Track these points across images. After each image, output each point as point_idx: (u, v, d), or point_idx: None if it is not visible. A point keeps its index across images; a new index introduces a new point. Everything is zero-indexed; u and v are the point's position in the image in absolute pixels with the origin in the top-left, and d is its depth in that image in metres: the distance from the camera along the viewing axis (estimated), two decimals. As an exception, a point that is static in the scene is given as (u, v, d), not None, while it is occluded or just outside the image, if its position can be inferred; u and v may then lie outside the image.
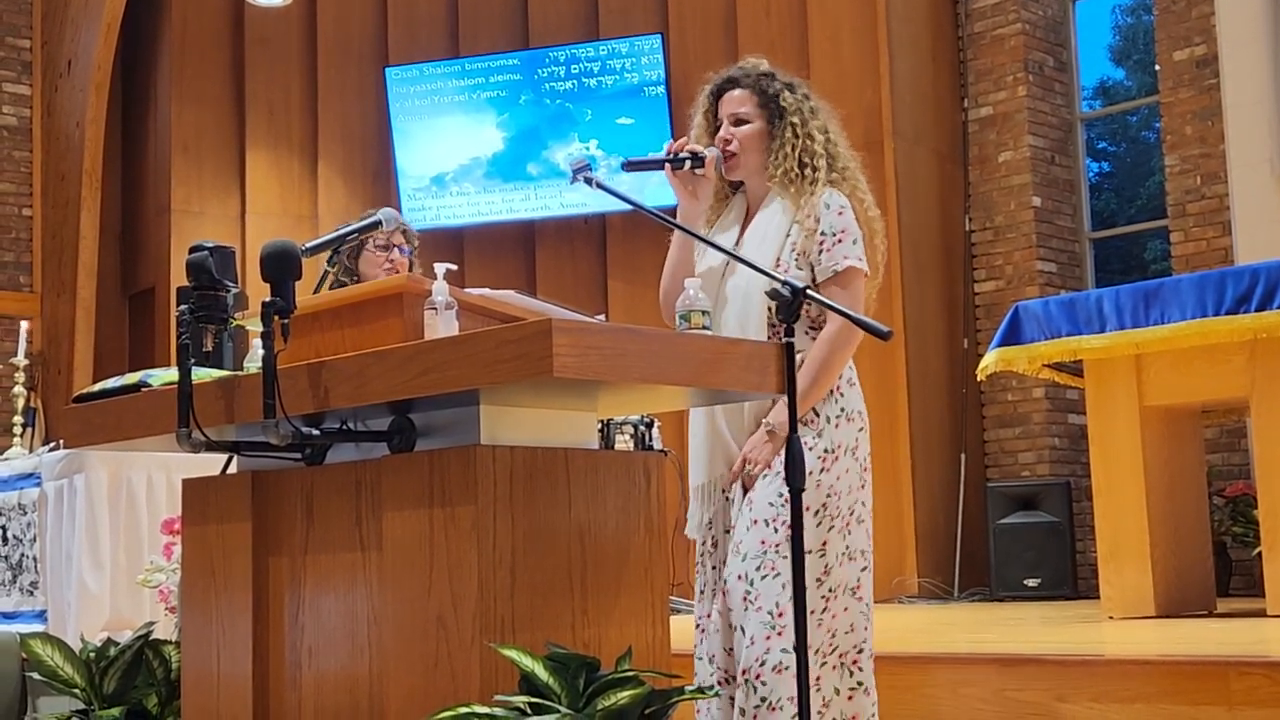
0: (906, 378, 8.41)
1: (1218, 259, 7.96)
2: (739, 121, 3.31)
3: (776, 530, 3.04)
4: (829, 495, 3.13)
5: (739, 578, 3.04)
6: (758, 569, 3.02)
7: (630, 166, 3.31)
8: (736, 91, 3.34)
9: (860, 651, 3.18)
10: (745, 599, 3.02)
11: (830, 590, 3.12)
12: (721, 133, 3.32)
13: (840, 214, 3.21)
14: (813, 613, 3.07)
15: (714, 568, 3.23)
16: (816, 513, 3.10)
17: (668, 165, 3.27)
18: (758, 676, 2.97)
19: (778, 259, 3.19)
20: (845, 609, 3.15)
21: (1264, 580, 5.56)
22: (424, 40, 10.15)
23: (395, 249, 4.18)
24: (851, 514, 3.17)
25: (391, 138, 9.91)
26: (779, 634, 2.97)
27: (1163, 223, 8.75)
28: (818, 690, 3.10)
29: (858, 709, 3.17)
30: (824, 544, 3.11)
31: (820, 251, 3.19)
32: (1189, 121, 8.30)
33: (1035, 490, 8.09)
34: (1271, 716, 3.36)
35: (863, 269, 3.22)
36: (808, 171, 3.25)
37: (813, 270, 3.20)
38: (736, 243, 3.29)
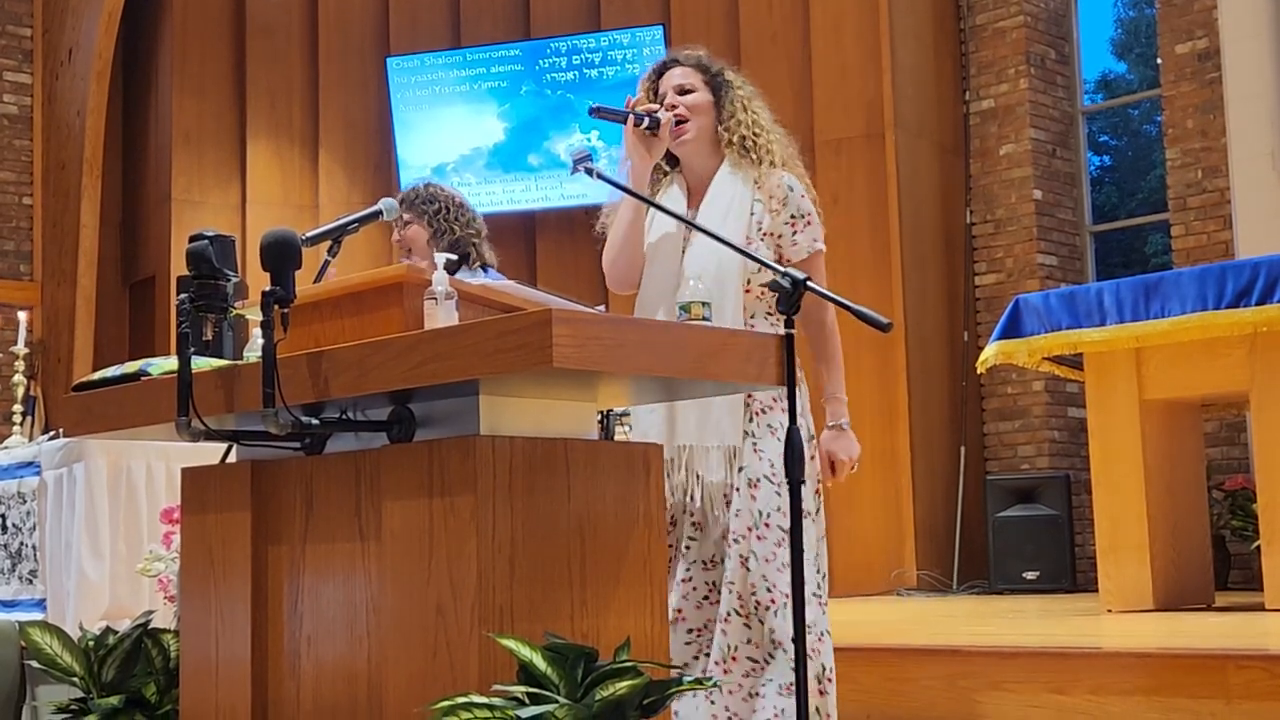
0: (906, 370, 8.41)
1: (1218, 253, 7.96)
2: (684, 91, 3.37)
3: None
4: (819, 481, 3.29)
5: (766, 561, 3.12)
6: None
7: (596, 113, 3.33)
8: (678, 69, 3.42)
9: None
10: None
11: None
12: (669, 99, 3.37)
13: (803, 198, 3.31)
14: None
15: (688, 539, 3.25)
16: (815, 494, 3.23)
17: (632, 119, 3.31)
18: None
19: (747, 238, 3.24)
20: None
21: (1262, 574, 5.56)
22: (425, 30, 10.14)
23: (396, 230, 4.24)
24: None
25: (392, 128, 9.90)
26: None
27: (1163, 216, 8.75)
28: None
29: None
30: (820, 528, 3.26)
31: (794, 233, 3.28)
32: (1190, 115, 8.30)
33: (1035, 483, 8.10)
34: (1270, 709, 3.37)
35: (823, 250, 3.34)
36: (762, 141, 3.33)
37: (777, 249, 3.27)
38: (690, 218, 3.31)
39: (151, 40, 10.11)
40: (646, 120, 3.30)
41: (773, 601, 3.08)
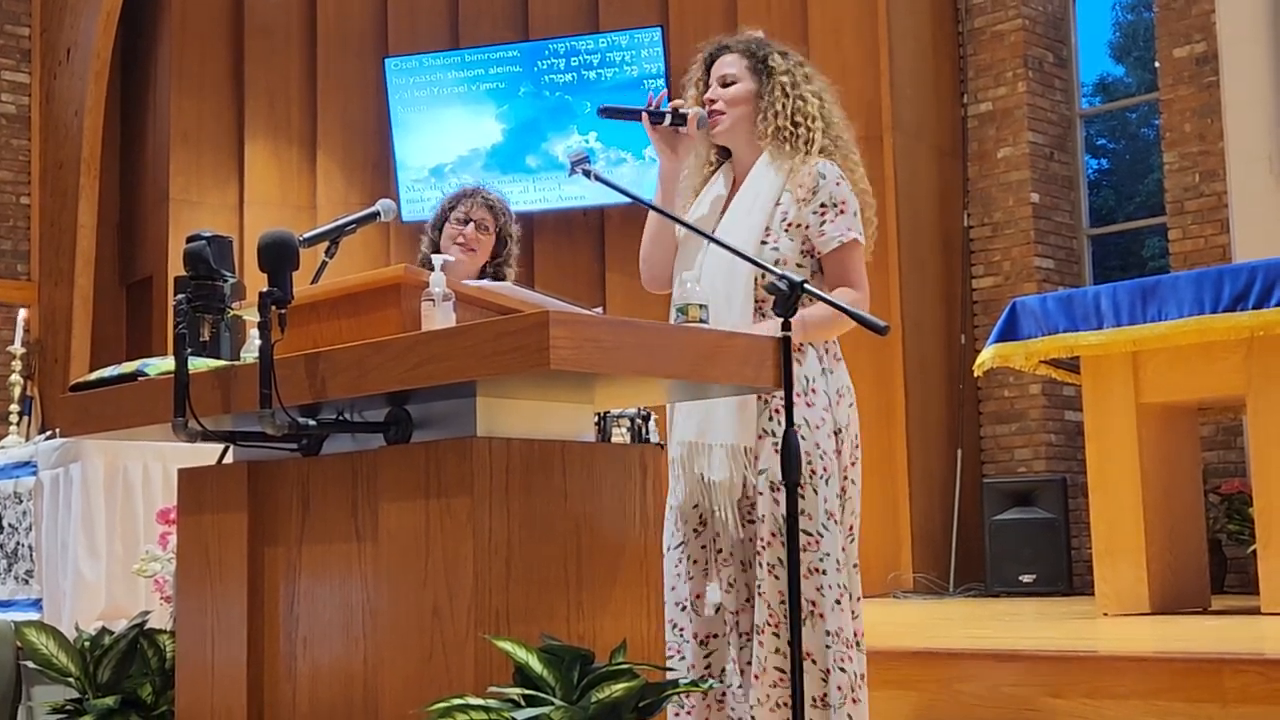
0: (904, 373, 8.41)
1: (1216, 256, 7.96)
2: (727, 83, 3.29)
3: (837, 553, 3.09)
4: (845, 478, 3.15)
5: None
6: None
7: (606, 113, 3.26)
8: (728, 56, 3.33)
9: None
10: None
11: (856, 567, 3.15)
12: (709, 94, 3.29)
13: (838, 184, 3.17)
14: (857, 599, 3.12)
15: (703, 548, 3.21)
16: (840, 495, 3.12)
17: (646, 117, 3.23)
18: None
19: (766, 228, 3.16)
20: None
21: (1258, 578, 5.56)
22: (424, 31, 10.14)
23: (471, 224, 4.13)
24: (856, 488, 3.18)
25: (391, 129, 9.90)
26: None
27: (1161, 220, 8.75)
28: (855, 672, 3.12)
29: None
30: (851, 528, 3.14)
31: (823, 223, 3.15)
32: (1188, 118, 8.30)
33: (1031, 486, 8.09)
34: (1265, 713, 3.37)
35: (862, 241, 3.20)
36: (801, 131, 3.21)
37: (805, 241, 3.16)
38: (723, 210, 3.24)
39: (150, 40, 10.10)
40: (669, 116, 3.22)
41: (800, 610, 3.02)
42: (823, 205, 3.15)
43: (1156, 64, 8.64)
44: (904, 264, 8.52)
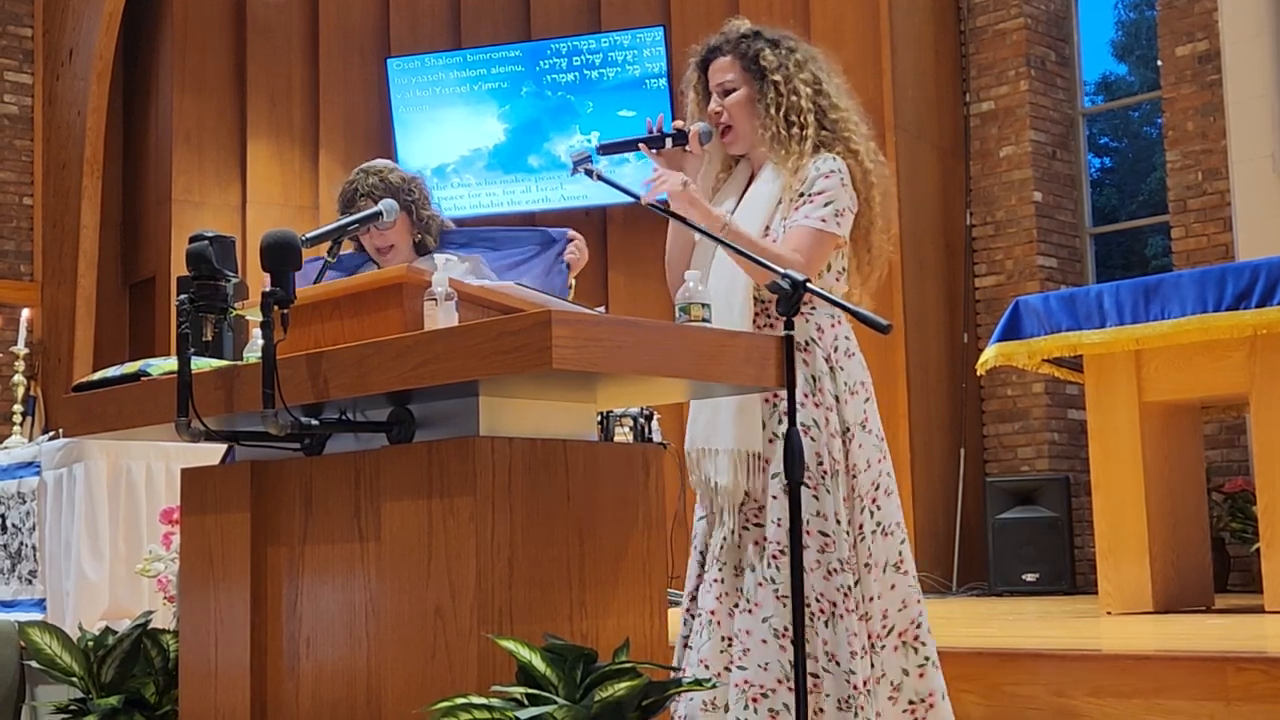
0: (906, 372, 8.41)
1: (1218, 255, 7.96)
2: (726, 91, 3.26)
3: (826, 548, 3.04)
4: (853, 477, 3.10)
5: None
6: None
7: (605, 149, 3.22)
8: (720, 60, 3.30)
9: (919, 626, 3.12)
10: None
11: (867, 567, 3.08)
12: (712, 105, 3.27)
13: (826, 177, 3.12)
14: (868, 599, 3.06)
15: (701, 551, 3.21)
16: (845, 498, 3.08)
17: (643, 145, 3.20)
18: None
19: (766, 227, 3.14)
20: (893, 586, 3.10)
21: (1262, 576, 5.56)
22: (426, 31, 10.14)
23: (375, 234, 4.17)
24: (876, 488, 3.13)
25: (393, 128, 9.90)
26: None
27: (1164, 218, 8.75)
28: (883, 675, 3.06)
29: (932, 685, 3.11)
30: (860, 526, 3.08)
31: (796, 210, 3.12)
32: (1191, 117, 8.30)
33: (1034, 485, 8.09)
34: (1268, 711, 3.37)
35: (828, 232, 3.10)
36: (794, 130, 3.18)
37: None
38: (733, 211, 3.21)
39: (152, 41, 10.11)
40: (670, 139, 3.19)
41: (821, 611, 2.96)
42: (800, 194, 3.13)
43: (1159, 62, 8.64)
44: (906, 263, 8.51)
